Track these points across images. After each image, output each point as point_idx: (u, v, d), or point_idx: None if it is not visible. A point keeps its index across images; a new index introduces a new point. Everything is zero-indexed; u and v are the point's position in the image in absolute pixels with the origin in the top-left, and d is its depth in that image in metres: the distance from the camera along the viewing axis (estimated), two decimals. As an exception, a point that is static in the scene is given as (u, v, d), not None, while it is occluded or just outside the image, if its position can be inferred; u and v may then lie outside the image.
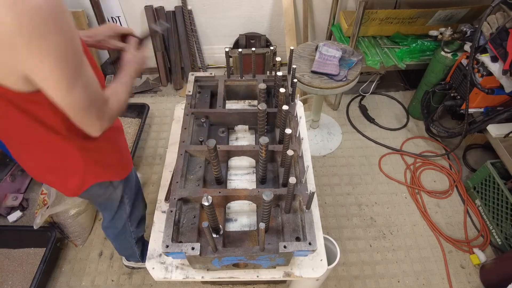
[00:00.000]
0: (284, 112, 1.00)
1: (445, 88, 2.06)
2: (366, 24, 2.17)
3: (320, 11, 2.46)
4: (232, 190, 0.94)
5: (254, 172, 1.14)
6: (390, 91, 2.66)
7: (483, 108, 1.91)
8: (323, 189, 2.06)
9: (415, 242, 1.84)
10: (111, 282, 1.69)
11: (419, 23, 2.20)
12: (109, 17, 2.41)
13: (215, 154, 0.91)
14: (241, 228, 1.00)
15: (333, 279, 1.70)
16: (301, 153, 1.02)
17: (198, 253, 0.79)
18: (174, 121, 1.32)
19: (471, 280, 1.69)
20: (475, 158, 2.21)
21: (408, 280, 1.70)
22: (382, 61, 2.16)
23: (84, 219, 1.77)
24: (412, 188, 2.06)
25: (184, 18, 2.40)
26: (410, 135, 2.35)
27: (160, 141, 2.33)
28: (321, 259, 0.96)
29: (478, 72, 1.77)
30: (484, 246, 1.81)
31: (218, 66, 2.79)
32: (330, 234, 1.83)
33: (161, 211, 1.06)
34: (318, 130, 2.36)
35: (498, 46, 1.60)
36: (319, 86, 1.72)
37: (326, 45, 1.82)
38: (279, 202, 0.96)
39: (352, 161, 2.21)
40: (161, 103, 2.58)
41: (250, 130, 1.26)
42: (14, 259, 1.73)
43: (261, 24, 2.51)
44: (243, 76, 1.28)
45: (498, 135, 1.81)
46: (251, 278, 0.94)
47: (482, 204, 1.91)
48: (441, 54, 2.02)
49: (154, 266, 0.94)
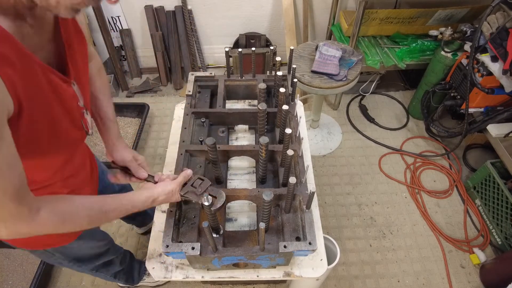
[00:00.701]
0: (284, 112, 1.00)
1: (445, 88, 2.05)
2: (366, 24, 2.17)
3: (320, 11, 2.46)
4: (232, 190, 0.94)
5: (254, 172, 1.14)
6: (390, 91, 2.66)
7: (483, 108, 1.91)
8: (323, 188, 2.06)
9: (415, 242, 1.84)
10: (111, 282, 1.69)
11: (419, 23, 2.20)
12: (109, 17, 2.41)
13: (215, 152, 0.91)
14: (241, 228, 1.00)
15: (333, 278, 1.70)
16: (301, 153, 1.02)
17: (198, 253, 0.79)
18: (174, 121, 1.32)
19: (471, 280, 1.69)
20: (475, 158, 2.21)
21: (408, 280, 1.70)
22: (382, 61, 2.16)
23: (84, 219, 1.76)
24: (412, 188, 2.06)
25: (184, 18, 2.40)
26: (410, 135, 2.35)
27: (160, 141, 2.33)
28: (321, 259, 0.96)
29: (478, 72, 1.77)
30: (484, 246, 1.81)
31: (218, 66, 2.79)
32: (330, 234, 1.83)
33: (161, 211, 1.06)
34: (318, 130, 2.36)
35: (498, 46, 1.60)
36: (319, 86, 1.72)
37: (326, 45, 1.82)
38: (279, 202, 0.96)
39: (352, 161, 2.21)
40: (161, 103, 2.58)
41: (250, 130, 1.26)
42: (14, 258, 1.72)
43: (261, 24, 2.51)
44: (243, 76, 1.28)
45: (498, 134, 1.81)
46: (251, 278, 0.94)
47: (482, 204, 1.91)
48: (441, 54, 2.02)
49: (154, 266, 0.94)
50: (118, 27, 2.49)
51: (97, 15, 2.31)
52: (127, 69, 2.75)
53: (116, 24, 2.47)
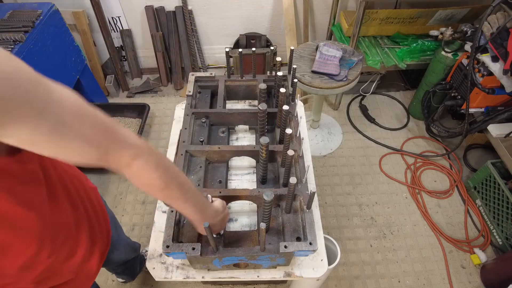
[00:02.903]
0: (284, 112, 1.00)
1: (446, 88, 2.05)
2: (367, 24, 2.17)
3: (320, 11, 2.46)
4: (233, 190, 0.94)
5: (255, 172, 1.14)
6: (391, 91, 2.66)
7: (483, 108, 1.91)
8: (324, 189, 2.06)
9: (415, 242, 1.83)
10: (111, 282, 1.69)
11: (420, 23, 2.20)
12: (109, 17, 2.41)
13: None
14: (242, 228, 1.00)
15: (333, 279, 1.70)
16: (301, 153, 1.02)
17: (198, 253, 0.79)
18: (174, 121, 1.32)
19: (472, 280, 1.69)
20: (476, 158, 2.20)
21: (409, 280, 1.70)
22: (383, 61, 2.16)
23: (85, 219, 1.76)
24: (413, 188, 2.05)
25: (185, 18, 2.40)
26: (411, 135, 2.35)
27: (161, 141, 2.33)
28: (322, 259, 0.95)
29: (478, 72, 1.77)
30: (484, 246, 1.80)
31: (218, 66, 2.79)
32: (331, 234, 1.83)
33: (161, 211, 1.06)
34: (319, 130, 2.36)
35: (499, 46, 1.60)
36: (320, 86, 1.72)
37: (326, 45, 1.82)
38: (279, 202, 0.96)
39: (352, 161, 2.21)
40: (161, 103, 2.58)
41: (251, 130, 1.26)
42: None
43: (262, 24, 2.51)
44: (244, 76, 1.28)
45: (499, 135, 1.81)
46: (251, 278, 0.93)
47: (483, 204, 1.91)
48: (442, 54, 2.01)
49: (154, 266, 0.94)
50: (119, 28, 2.49)
51: (97, 16, 2.31)
52: (127, 70, 2.75)
53: (117, 25, 2.48)
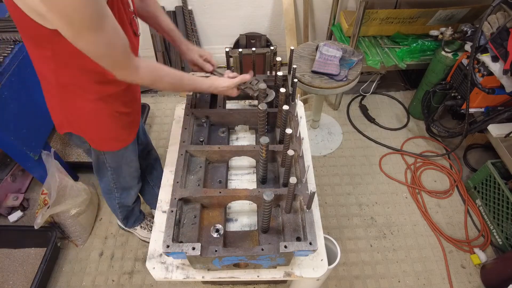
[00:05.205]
0: (284, 112, 1.00)
1: (446, 88, 2.05)
2: (367, 24, 2.17)
3: (320, 11, 2.46)
4: (233, 190, 0.94)
5: (255, 172, 1.14)
6: (391, 91, 2.66)
7: (483, 108, 1.91)
8: (324, 189, 2.06)
9: (415, 242, 1.83)
10: (111, 282, 1.69)
11: (420, 23, 2.20)
12: (109, 17, 2.41)
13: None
14: (242, 228, 1.00)
15: (333, 279, 1.70)
16: (301, 153, 1.02)
17: (198, 253, 0.79)
18: (174, 121, 1.32)
19: (472, 280, 1.69)
20: (476, 158, 2.20)
21: (409, 280, 1.70)
22: (383, 61, 2.16)
23: (85, 219, 1.77)
24: (413, 188, 2.05)
25: (185, 18, 2.40)
26: (411, 135, 2.35)
27: (161, 141, 2.33)
28: (322, 259, 0.95)
29: (478, 72, 1.77)
30: (484, 246, 1.80)
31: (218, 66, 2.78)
32: (331, 234, 1.83)
33: (161, 211, 1.06)
34: (319, 130, 2.36)
35: (499, 46, 1.60)
36: (320, 86, 1.72)
37: (326, 45, 1.82)
38: (279, 202, 0.96)
39: (352, 161, 2.21)
40: (161, 103, 2.58)
41: (251, 130, 1.26)
42: (15, 259, 1.73)
43: (262, 24, 2.51)
44: (244, 76, 1.28)
45: (499, 135, 1.81)
46: (251, 278, 0.94)
47: (483, 204, 1.90)
48: (442, 54, 2.01)
49: (154, 266, 0.94)
50: (119, 28, 2.49)
51: (97, 16, 2.31)
52: (127, 69, 2.75)
53: (117, 25, 2.48)
